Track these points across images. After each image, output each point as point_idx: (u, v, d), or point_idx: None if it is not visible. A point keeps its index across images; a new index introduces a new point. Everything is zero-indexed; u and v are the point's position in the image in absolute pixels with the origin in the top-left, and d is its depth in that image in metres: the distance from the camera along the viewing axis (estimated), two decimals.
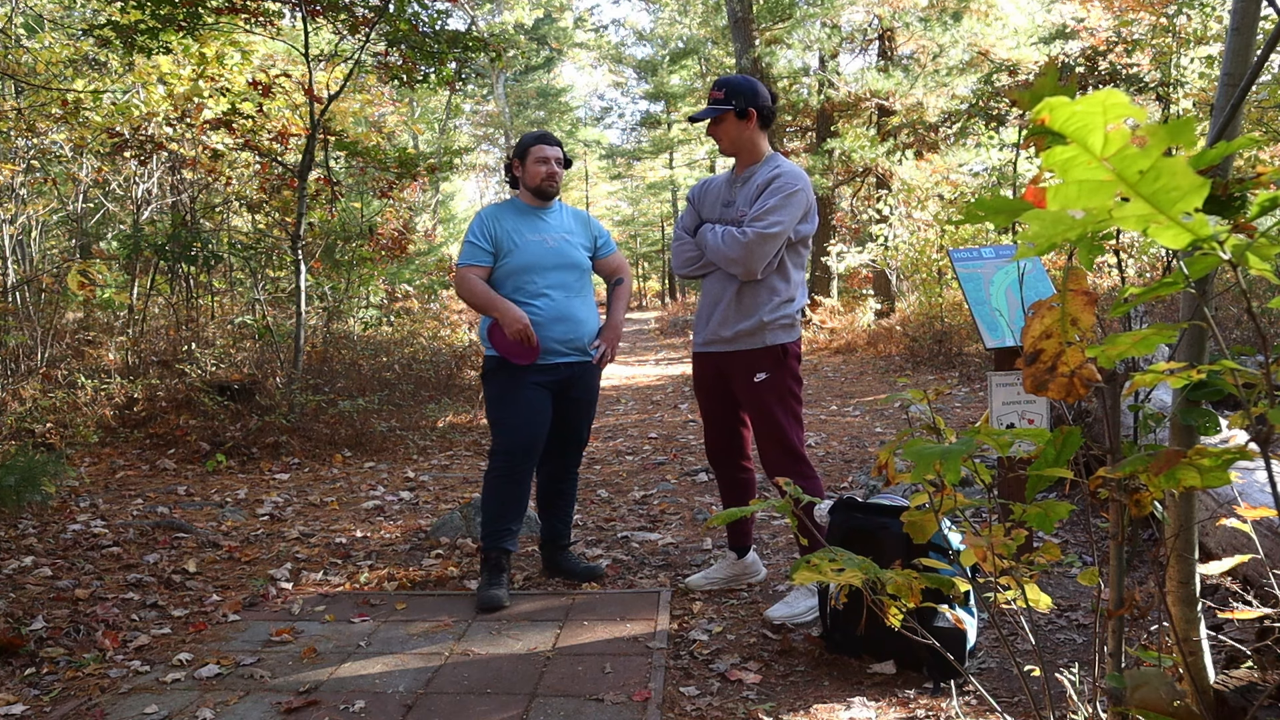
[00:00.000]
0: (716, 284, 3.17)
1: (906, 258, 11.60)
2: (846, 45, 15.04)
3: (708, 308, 3.21)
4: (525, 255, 3.43)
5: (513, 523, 3.38)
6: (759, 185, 3.11)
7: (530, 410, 3.39)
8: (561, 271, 3.46)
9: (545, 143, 3.52)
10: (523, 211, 3.53)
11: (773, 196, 3.04)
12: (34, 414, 5.98)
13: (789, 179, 3.07)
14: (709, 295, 3.21)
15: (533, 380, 3.40)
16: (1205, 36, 9.45)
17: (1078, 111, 0.74)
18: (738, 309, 3.14)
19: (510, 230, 3.46)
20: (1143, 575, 3.10)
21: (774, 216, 3.00)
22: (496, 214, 3.52)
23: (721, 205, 3.21)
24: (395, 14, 6.64)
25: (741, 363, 3.14)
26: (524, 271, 3.43)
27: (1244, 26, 1.49)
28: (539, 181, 3.48)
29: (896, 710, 2.40)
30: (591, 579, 3.56)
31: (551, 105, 29.41)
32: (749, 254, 3.01)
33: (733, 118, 3.11)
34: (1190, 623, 1.55)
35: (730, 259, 3.05)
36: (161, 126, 7.48)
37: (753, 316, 3.11)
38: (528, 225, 3.49)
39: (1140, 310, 5.09)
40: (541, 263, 3.44)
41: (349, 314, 9.53)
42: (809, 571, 1.52)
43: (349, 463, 6.04)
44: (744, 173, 3.18)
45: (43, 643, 2.91)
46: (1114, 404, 1.36)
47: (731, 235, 3.06)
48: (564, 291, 3.45)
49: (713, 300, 3.18)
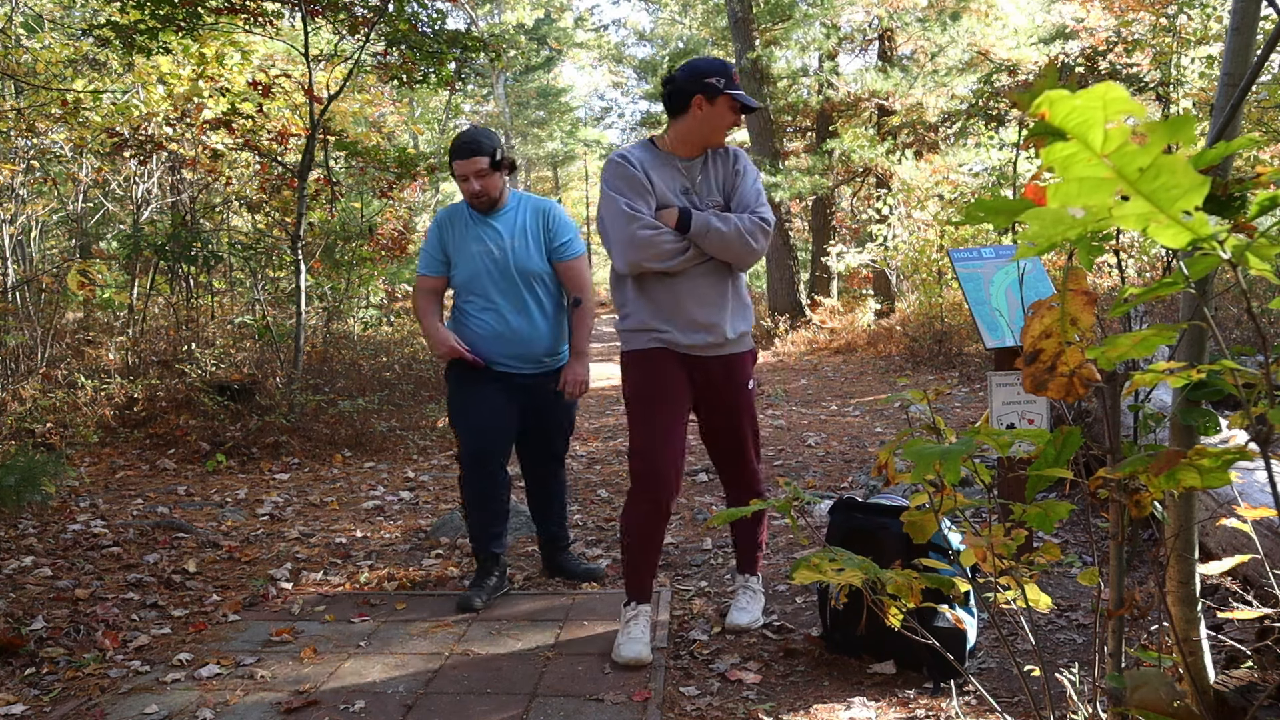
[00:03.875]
0: (713, 280, 2.78)
1: (906, 258, 11.60)
2: (846, 45, 15.03)
3: (700, 308, 2.77)
4: (466, 269, 3.26)
5: (493, 525, 3.33)
6: (726, 169, 2.84)
7: (488, 412, 3.25)
8: (508, 282, 3.24)
9: (459, 158, 3.18)
10: (472, 219, 3.30)
11: (758, 181, 2.86)
12: (34, 414, 5.98)
13: (752, 163, 2.90)
14: (699, 294, 2.77)
15: (492, 383, 3.26)
16: (1205, 36, 9.45)
17: (1078, 106, 0.74)
18: (739, 307, 2.87)
19: (457, 239, 3.28)
20: (1143, 575, 3.10)
21: (767, 204, 2.84)
22: (448, 219, 3.32)
23: (679, 192, 2.78)
24: (395, 14, 6.64)
25: (737, 367, 2.87)
26: (465, 287, 3.28)
27: (1244, 26, 1.49)
28: (469, 200, 3.26)
29: (896, 710, 2.40)
30: (591, 579, 3.53)
31: (551, 105, 29.41)
32: (768, 244, 2.79)
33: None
34: (1190, 623, 1.55)
35: (754, 250, 2.75)
36: (161, 126, 7.47)
37: (749, 316, 2.92)
38: (472, 234, 3.27)
39: (1140, 310, 5.10)
40: (481, 277, 3.24)
41: (349, 314, 9.53)
42: (809, 571, 1.52)
43: (349, 463, 6.04)
44: (696, 156, 2.82)
45: (43, 643, 2.91)
46: (1114, 404, 1.36)
47: (757, 224, 2.74)
48: (511, 308, 3.24)
49: (708, 300, 2.78)
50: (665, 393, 2.78)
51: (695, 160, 2.82)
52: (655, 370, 2.79)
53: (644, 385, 2.80)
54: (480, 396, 3.25)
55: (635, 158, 2.77)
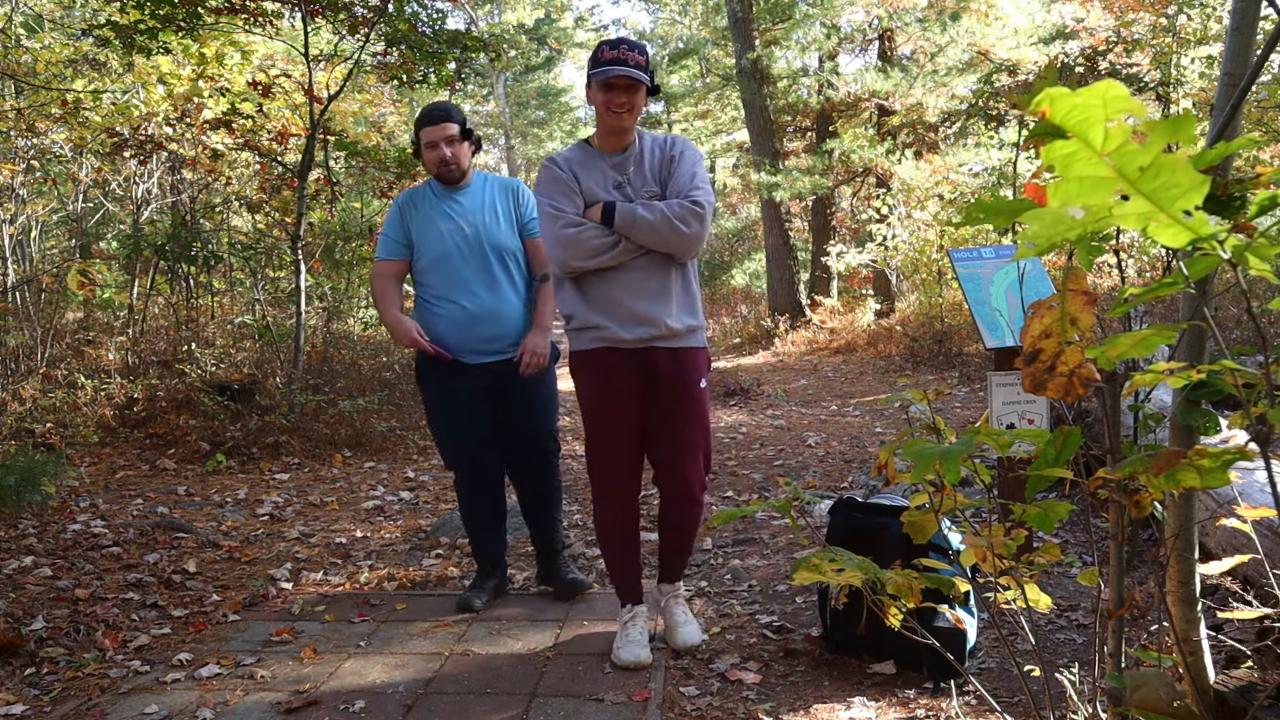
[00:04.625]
0: (651, 271, 2.67)
1: (906, 258, 11.60)
2: (846, 45, 15.02)
3: (639, 299, 2.66)
4: (434, 249, 3.13)
5: (489, 529, 3.31)
6: (661, 157, 2.73)
7: (467, 421, 3.17)
8: (479, 260, 3.12)
9: (429, 124, 3.10)
10: (437, 197, 3.19)
11: (696, 165, 2.72)
12: (34, 414, 5.98)
13: (693, 148, 2.78)
14: (637, 285, 2.66)
15: (465, 386, 3.14)
16: (1205, 36, 9.45)
17: (1078, 104, 0.74)
18: (686, 298, 2.74)
19: (423, 219, 3.15)
20: (1143, 575, 3.10)
21: (707, 185, 2.70)
22: (410, 201, 3.20)
23: (611, 187, 2.70)
24: (395, 14, 6.64)
25: (686, 362, 2.74)
26: (434, 267, 3.14)
27: (1244, 26, 1.49)
28: (435, 169, 3.14)
29: (896, 710, 2.39)
30: (576, 591, 3.34)
31: (551, 105, 29.40)
32: (705, 227, 2.66)
33: (645, 92, 2.68)
34: (1190, 623, 1.55)
35: (686, 235, 2.61)
36: (161, 126, 7.48)
37: (696, 310, 2.77)
38: (439, 212, 3.16)
39: (1140, 310, 5.09)
40: (452, 256, 3.11)
41: (349, 314, 9.52)
42: (809, 571, 1.52)
43: (349, 463, 6.04)
44: (624, 150, 2.73)
45: (43, 643, 2.91)
46: (1114, 404, 1.36)
47: (687, 208, 2.61)
48: (484, 285, 3.12)
49: (647, 290, 2.66)
50: (615, 394, 2.73)
51: (625, 154, 2.74)
52: (603, 374, 2.73)
53: (593, 392, 2.76)
54: (458, 402, 3.16)
55: (562, 159, 2.74)
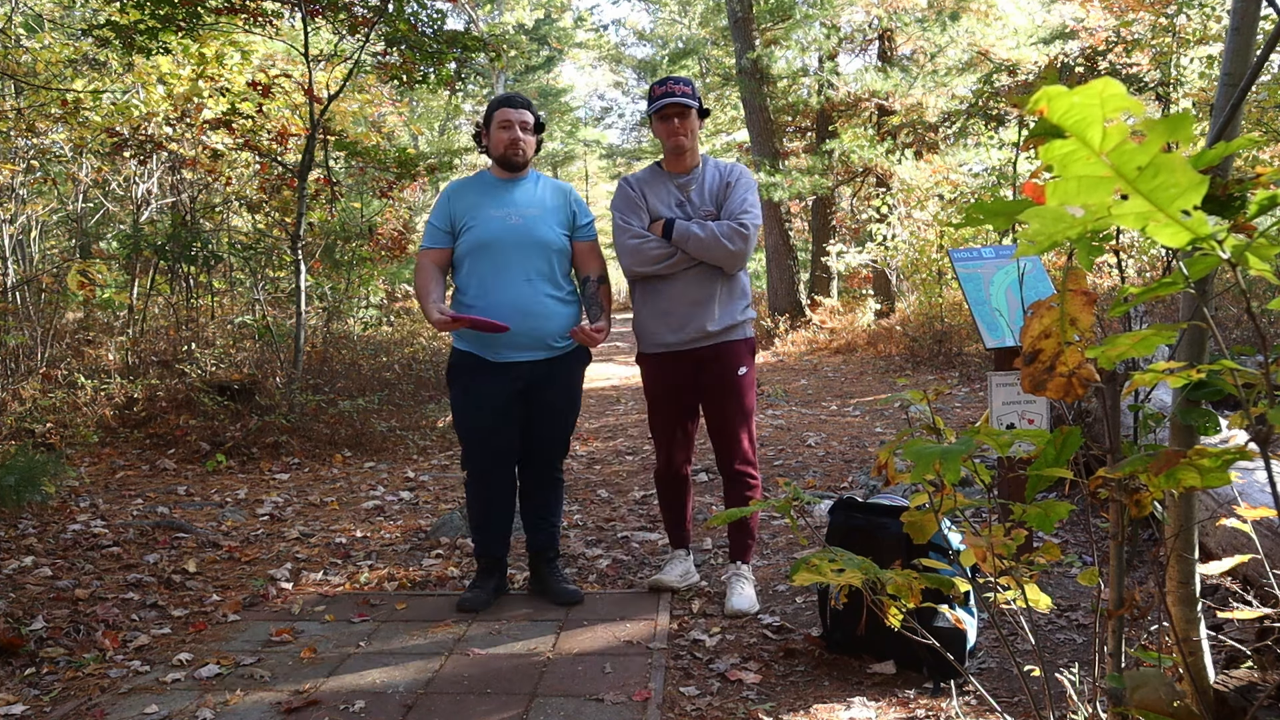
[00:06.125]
0: (697, 282, 3.13)
1: (906, 258, 11.60)
2: (846, 45, 15.03)
3: (687, 306, 3.14)
4: (481, 233, 3.11)
5: (495, 529, 3.31)
6: (719, 182, 3.18)
7: (494, 419, 3.16)
8: (523, 252, 3.11)
9: (510, 106, 3.18)
10: (489, 185, 3.21)
11: (749, 191, 3.17)
12: (34, 414, 5.98)
13: (748, 176, 3.22)
14: (688, 294, 3.13)
15: (495, 385, 3.14)
16: (1205, 36, 9.44)
17: (1075, 103, 0.74)
18: (728, 303, 3.18)
19: (471, 205, 3.15)
20: (1143, 575, 3.10)
21: (756, 210, 3.14)
22: (460, 189, 3.22)
23: (674, 205, 3.17)
24: (395, 14, 6.64)
25: (727, 355, 3.18)
26: (478, 252, 3.11)
27: (1244, 26, 1.49)
28: (503, 150, 3.16)
29: (896, 710, 2.39)
30: (569, 604, 3.26)
31: (552, 105, 29.40)
32: (749, 246, 3.10)
33: (696, 115, 3.15)
34: (1190, 623, 1.55)
35: (731, 253, 3.07)
36: (161, 126, 7.48)
37: (737, 311, 3.20)
38: (491, 200, 3.16)
39: (1140, 310, 5.09)
40: (499, 242, 3.10)
41: (349, 314, 9.53)
42: (809, 572, 1.51)
43: (349, 463, 6.04)
44: (688, 172, 3.21)
45: (43, 643, 2.91)
46: (1114, 404, 1.36)
47: (734, 228, 3.07)
48: (524, 278, 3.11)
49: (694, 299, 3.13)
50: (665, 388, 3.27)
51: (689, 176, 3.21)
52: (656, 371, 3.28)
53: (651, 384, 3.32)
54: (487, 403, 3.14)
55: (634, 180, 3.28)
